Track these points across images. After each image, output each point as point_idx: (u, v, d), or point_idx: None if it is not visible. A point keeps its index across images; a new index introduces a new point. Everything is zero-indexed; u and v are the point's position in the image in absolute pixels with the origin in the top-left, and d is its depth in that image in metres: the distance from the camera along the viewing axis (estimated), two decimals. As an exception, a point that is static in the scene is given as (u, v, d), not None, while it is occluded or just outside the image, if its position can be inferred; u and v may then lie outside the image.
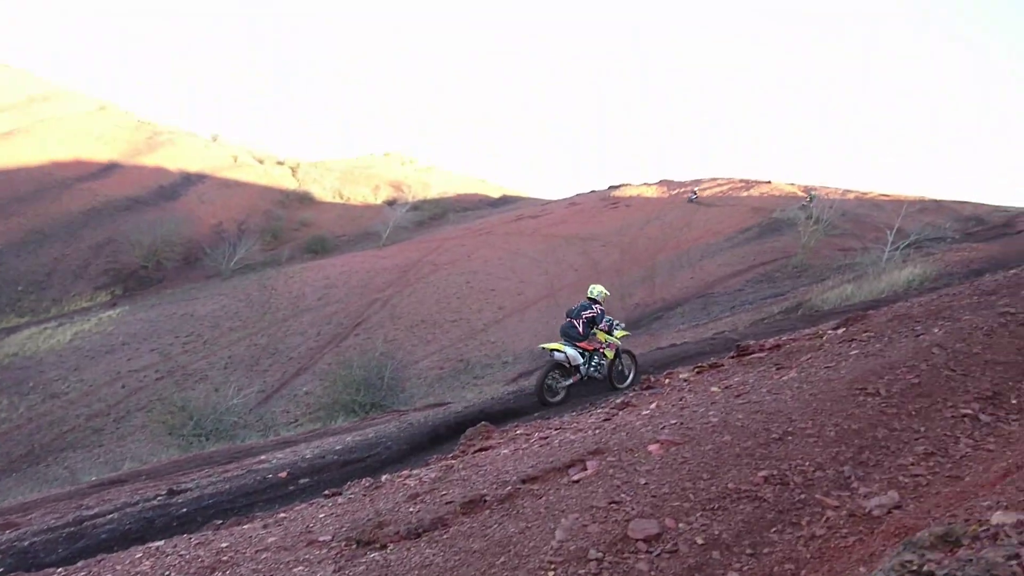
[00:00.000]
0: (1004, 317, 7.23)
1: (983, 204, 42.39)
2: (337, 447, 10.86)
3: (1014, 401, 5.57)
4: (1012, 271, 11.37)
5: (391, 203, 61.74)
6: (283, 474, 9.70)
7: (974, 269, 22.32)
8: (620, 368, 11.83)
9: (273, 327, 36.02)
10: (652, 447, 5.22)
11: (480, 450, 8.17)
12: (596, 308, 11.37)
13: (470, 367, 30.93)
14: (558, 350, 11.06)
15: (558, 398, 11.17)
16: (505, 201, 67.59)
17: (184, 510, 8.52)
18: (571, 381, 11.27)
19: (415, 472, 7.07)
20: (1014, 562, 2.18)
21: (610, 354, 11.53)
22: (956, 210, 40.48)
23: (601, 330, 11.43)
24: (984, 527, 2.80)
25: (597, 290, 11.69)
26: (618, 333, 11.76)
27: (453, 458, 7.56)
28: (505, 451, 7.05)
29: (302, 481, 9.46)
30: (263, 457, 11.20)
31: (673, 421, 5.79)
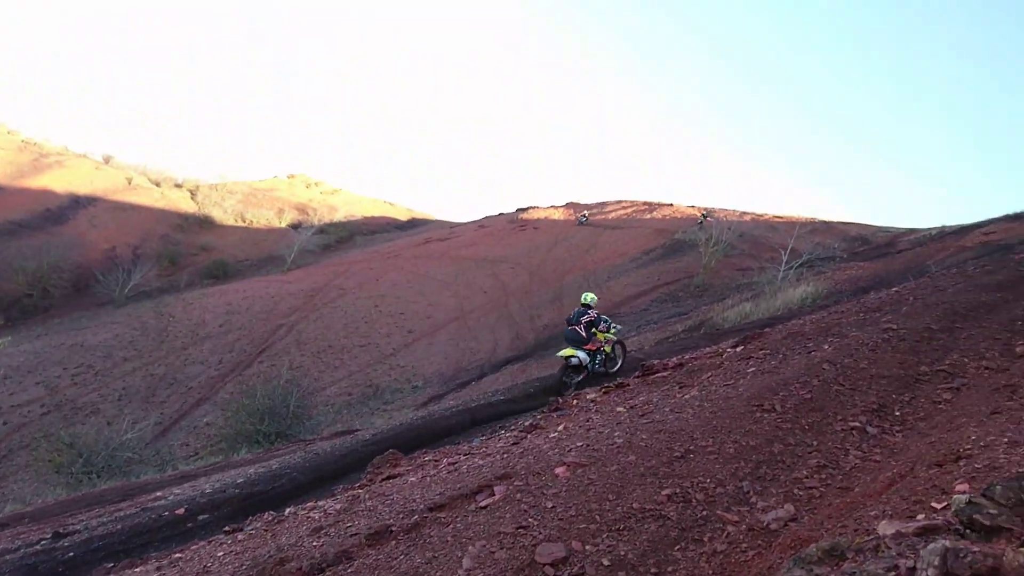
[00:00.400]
0: (887, 333, 7.65)
1: (868, 225, 44.97)
2: (239, 480, 10.46)
3: (897, 413, 5.88)
4: (894, 289, 12.06)
5: (296, 226, 60.42)
6: (180, 511, 9.25)
7: (861, 286, 23.51)
8: (613, 356, 13.35)
9: (171, 356, 34.54)
10: (559, 470, 5.24)
11: (388, 478, 8.03)
12: (592, 313, 13.05)
13: (379, 392, 30.47)
14: (572, 356, 12.57)
15: (570, 391, 11.88)
16: (413, 224, 67.36)
17: (71, 554, 7.99)
18: (581, 377, 12.67)
19: (320, 503, 6.88)
20: (893, 573, 2.28)
21: (608, 349, 13.11)
22: (843, 231, 42.75)
23: (601, 331, 12.92)
24: (869, 538, 2.93)
25: (590, 297, 13.59)
26: (612, 332, 13.35)
27: (360, 487, 7.40)
28: (413, 479, 6.95)
29: (201, 517, 9.04)
30: (159, 493, 10.67)
31: (580, 443, 5.84)
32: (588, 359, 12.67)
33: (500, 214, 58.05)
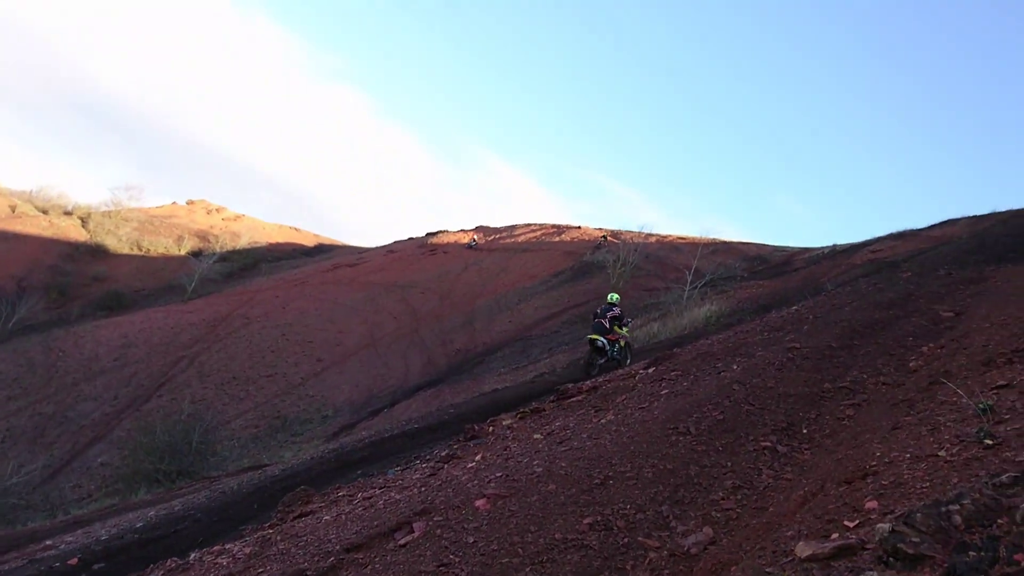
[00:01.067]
0: (791, 352, 7.92)
1: (765, 245, 46.84)
2: (138, 524, 9.89)
3: (805, 431, 6.07)
4: (794, 307, 12.55)
5: (197, 254, 58.12)
6: (73, 561, 8.65)
7: (761, 304, 24.42)
8: (627, 349, 15.37)
9: (61, 393, 32.56)
10: (479, 502, 5.14)
11: (300, 516, 7.72)
12: (617, 310, 15.21)
13: (288, 424, 29.58)
14: (597, 339, 14.68)
15: (595, 371, 14.17)
16: (320, 250, 65.98)
17: (-52, 618, 7.35)
18: (603, 360, 14.67)
19: (228, 547, 6.55)
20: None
21: (622, 344, 15.13)
22: (743, 251, 44.40)
23: (624, 325, 15.15)
24: (788, 560, 2.96)
25: (615, 297, 15.92)
26: (626, 330, 15.35)
27: (271, 527, 7.09)
28: (327, 517, 6.70)
29: (96, 567, 8.48)
30: (49, 542, 9.97)
31: (499, 473, 5.76)
32: (609, 347, 14.76)
33: (409, 239, 57.66)
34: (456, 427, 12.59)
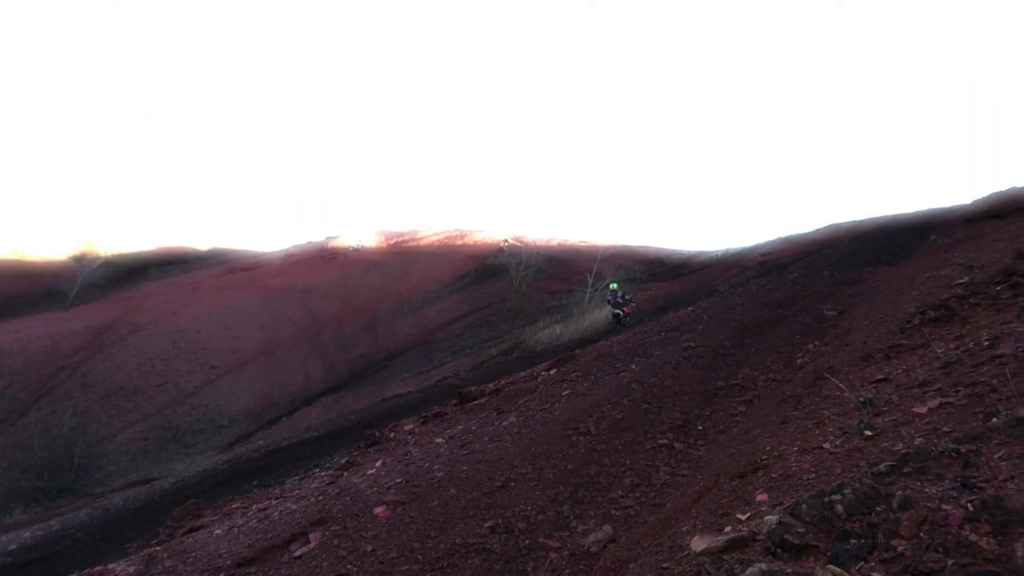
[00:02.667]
0: (687, 351, 8.13)
1: (662, 248, 48.20)
2: (11, 547, 9.25)
3: (700, 427, 6.23)
4: (690, 308, 12.93)
5: (79, 259, 54.89)
6: (-65, 592, 8.00)
7: (660, 305, 25.05)
8: (630, 316, 20.02)
9: (-75, 409, 30.11)
10: (378, 509, 5.03)
11: (190, 531, 7.37)
12: (621, 292, 20.25)
13: (180, 435, 28.31)
14: (618, 312, 19.72)
15: (619, 328, 18.76)
16: (215, 254, 63.47)
17: None
18: (618, 324, 19.52)
19: (111, 567, 6.17)
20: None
21: (630, 310, 20.07)
22: (642, 254, 45.52)
23: (630, 302, 20.28)
24: (684, 554, 3.00)
25: (615, 285, 21.04)
26: (633, 305, 20.63)
27: (158, 544, 6.75)
28: (219, 530, 6.42)
29: (-38, 597, 7.87)
30: (-92, 573, 9.17)
31: (399, 479, 5.65)
32: (623, 316, 19.70)
33: (309, 242, 56.23)
34: (357, 434, 12.35)
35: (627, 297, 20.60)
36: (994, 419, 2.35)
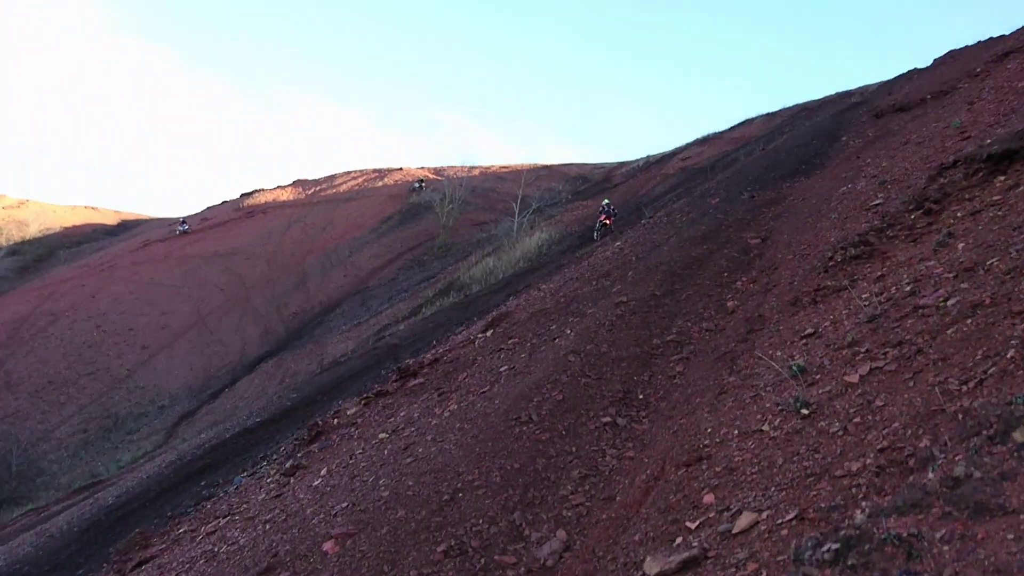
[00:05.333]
0: (620, 308, 8.09)
1: (585, 164, 48.09)
2: (-46, 597, 8.91)
3: (641, 396, 6.23)
4: (617, 244, 12.91)
5: (-23, 253, 51.81)
6: None
7: (587, 226, 25.10)
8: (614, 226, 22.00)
9: None
10: (327, 545, 4.90)
11: (139, 565, 7.19)
12: (609, 207, 22.75)
13: (121, 422, 27.63)
14: (604, 225, 21.95)
15: (598, 237, 21.73)
16: (125, 227, 60.43)
17: None
18: (601, 233, 21.83)
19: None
20: None
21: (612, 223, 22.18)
22: (565, 172, 45.34)
23: (614, 215, 22.37)
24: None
25: (607, 201, 24.02)
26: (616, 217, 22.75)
27: (108, 585, 6.54)
28: (170, 564, 6.27)
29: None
30: None
31: (345, 502, 5.52)
32: (606, 227, 21.92)
33: (223, 203, 54.11)
34: (301, 413, 12.17)
35: (614, 210, 23.46)
36: (930, 474, 2.31)
